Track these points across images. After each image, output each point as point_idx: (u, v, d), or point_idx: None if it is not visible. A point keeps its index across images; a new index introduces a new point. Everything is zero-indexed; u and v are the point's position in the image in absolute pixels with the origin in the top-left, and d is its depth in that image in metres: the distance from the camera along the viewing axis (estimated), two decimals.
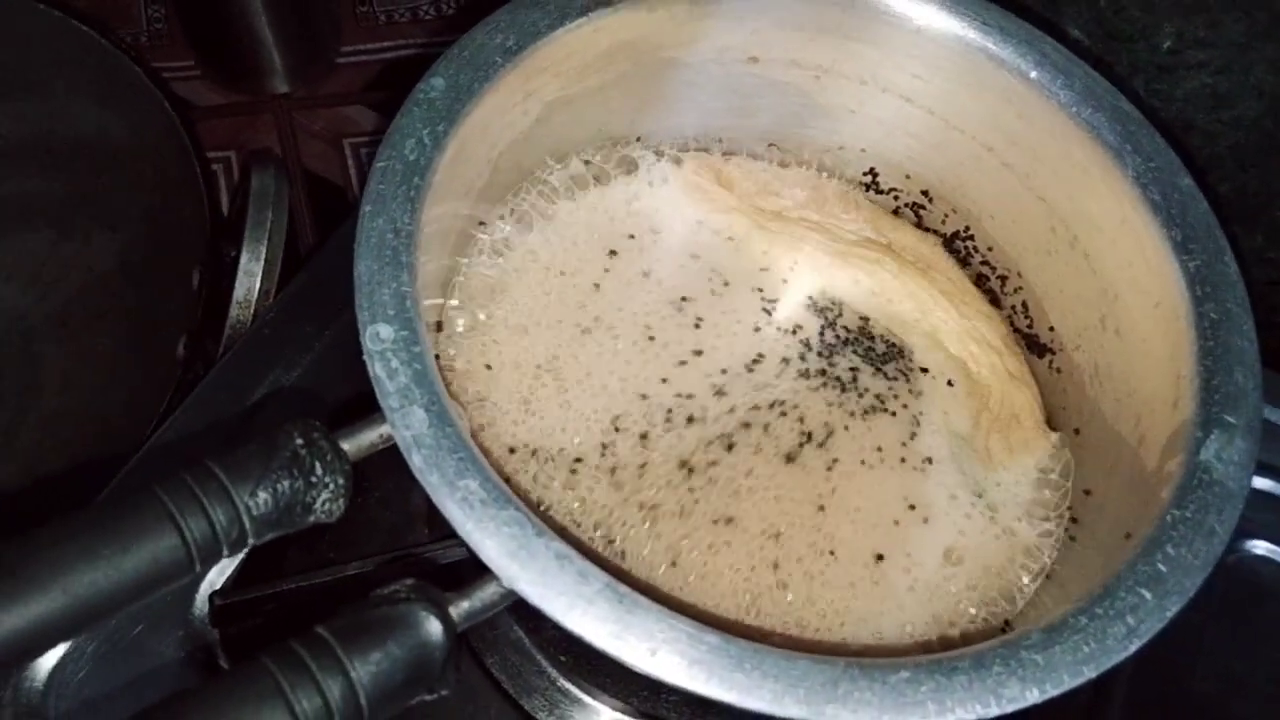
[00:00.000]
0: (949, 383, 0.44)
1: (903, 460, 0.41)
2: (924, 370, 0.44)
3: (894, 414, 0.42)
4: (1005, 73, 0.41)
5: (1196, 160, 0.58)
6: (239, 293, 0.49)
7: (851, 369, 0.43)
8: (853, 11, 0.41)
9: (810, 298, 0.44)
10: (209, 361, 0.52)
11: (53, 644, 0.25)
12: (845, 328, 0.44)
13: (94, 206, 0.64)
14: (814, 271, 0.45)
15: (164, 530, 0.26)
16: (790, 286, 0.44)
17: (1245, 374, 0.35)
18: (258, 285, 0.49)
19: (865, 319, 0.45)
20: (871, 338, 0.44)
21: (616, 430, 0.38)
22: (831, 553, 0.37)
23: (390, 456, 0.32)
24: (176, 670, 0.40)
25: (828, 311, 0.44)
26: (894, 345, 0.44)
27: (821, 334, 0.44)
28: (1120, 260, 0.40)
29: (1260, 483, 0.52)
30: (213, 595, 0.40)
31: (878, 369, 0.43)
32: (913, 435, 0.42)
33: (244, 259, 0.48)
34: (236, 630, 0.41)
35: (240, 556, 0.41)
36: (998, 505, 0.40)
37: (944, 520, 0.39)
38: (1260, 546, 0.52)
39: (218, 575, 0.42)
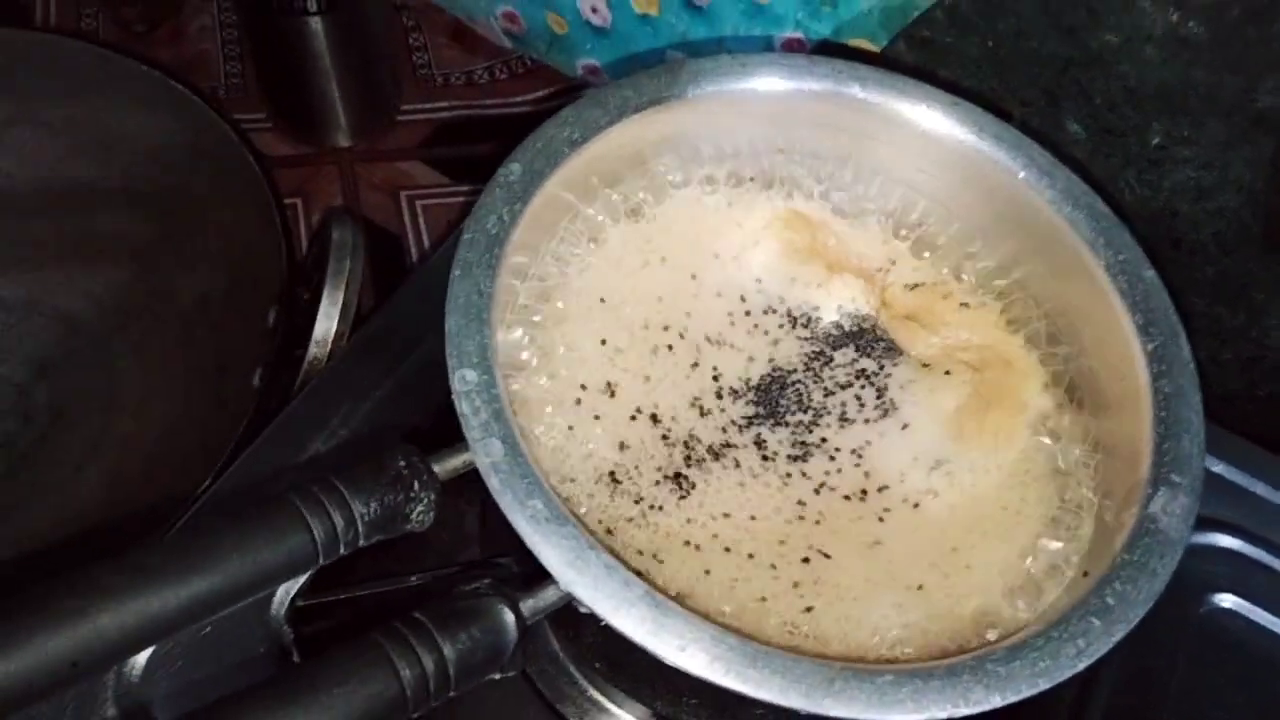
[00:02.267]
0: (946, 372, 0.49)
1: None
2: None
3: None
4: (999, 172, 0.47)
5: (1183, 244, 0.63)
6: (317, 333, 0.55)
7: (856, 368, 0.48)
8: (868, 117, 0.48)
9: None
10: (283, 393, 0.58)
11: (211, 615, 0.31)
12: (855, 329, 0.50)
13: (176, 246, 0.69)
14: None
15: (298, 530, 0.32)
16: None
17: (1191, 441, 0.41)
18: (334, 327, 0.55)
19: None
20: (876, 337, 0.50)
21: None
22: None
23: (449, 487, 0.38)
24: (256, 663, 0.46)
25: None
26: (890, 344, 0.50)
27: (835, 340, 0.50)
28: (1094, 339, 0.46)
29: (1227, 541, 0.56)
30: (293, 598, 0.46)
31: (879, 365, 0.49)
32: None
33: (324, 304, 0.55)
34: (310, 630, 0.47)
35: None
36: None
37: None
38: (1227, 600, 0.55)
39: (293, 582, 0.48)
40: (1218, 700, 0.53)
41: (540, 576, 0.35)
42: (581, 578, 0.33)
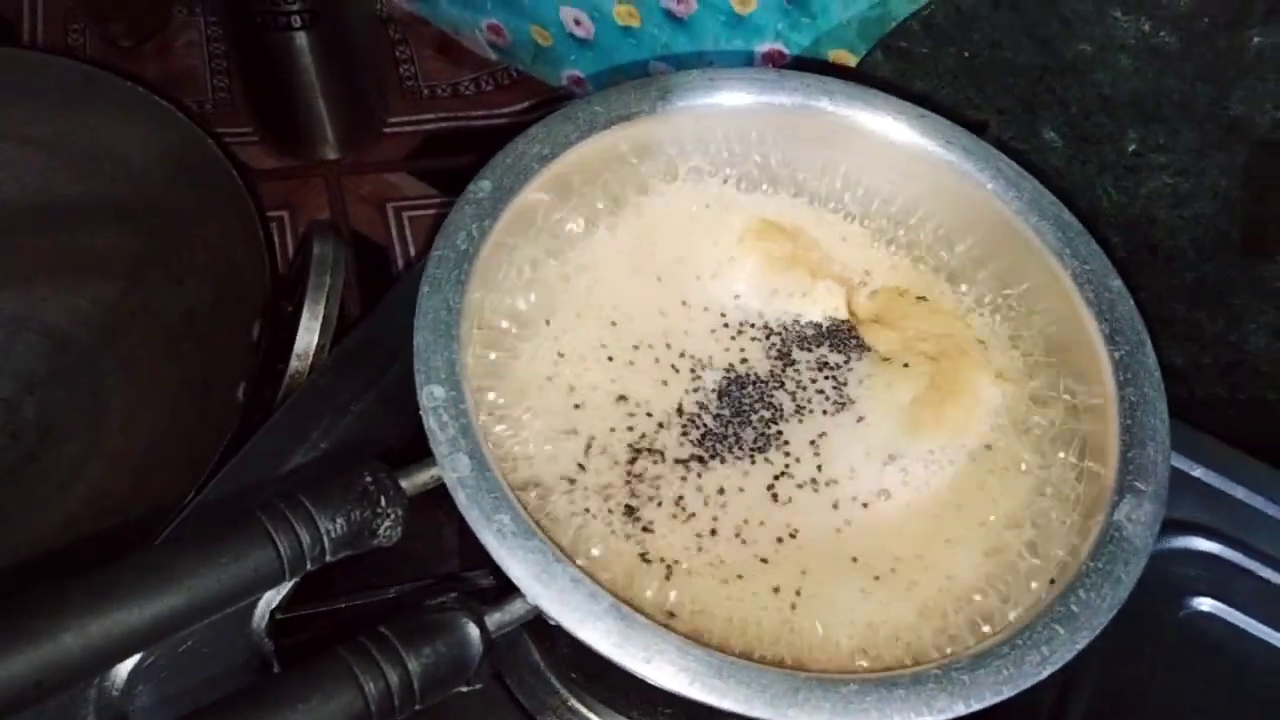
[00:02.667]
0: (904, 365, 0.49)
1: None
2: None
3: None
4: (967, 183, 0.48)
5: (1160, 250, 0.63)
6: (298, 347, 0.56)
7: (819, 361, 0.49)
8: (841, 130, 0.48)
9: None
10: (266, 407, 0.58)
11: (176, 633, 0.32)
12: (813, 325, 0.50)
13: (163, 261, 0.69)
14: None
15: (264, 545, 0.32)
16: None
17: (1156, 449, 0.41)
18: (315, 341, 0.56)
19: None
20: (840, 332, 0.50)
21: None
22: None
23: (429, 500, 0.38)
24: (237, 675, 0.46)
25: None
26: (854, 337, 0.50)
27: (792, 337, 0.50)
28: (1062, 347, 0.47)
29: (1206, 545, 0.56)
30: (273, 611, 0.46)
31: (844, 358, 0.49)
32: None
33: (304, 317, 0.55)
34: (290, 642, 0.47)
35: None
36: None
37: None
38: (1205, 604, 0.55)
39: (274, 594, 0.48)
40: (1197, 703, 0.53)
41: (510, 590, 0.35)
42: (548, 591, 0.34)
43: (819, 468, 0.45)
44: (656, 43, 0.73)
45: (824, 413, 0.46)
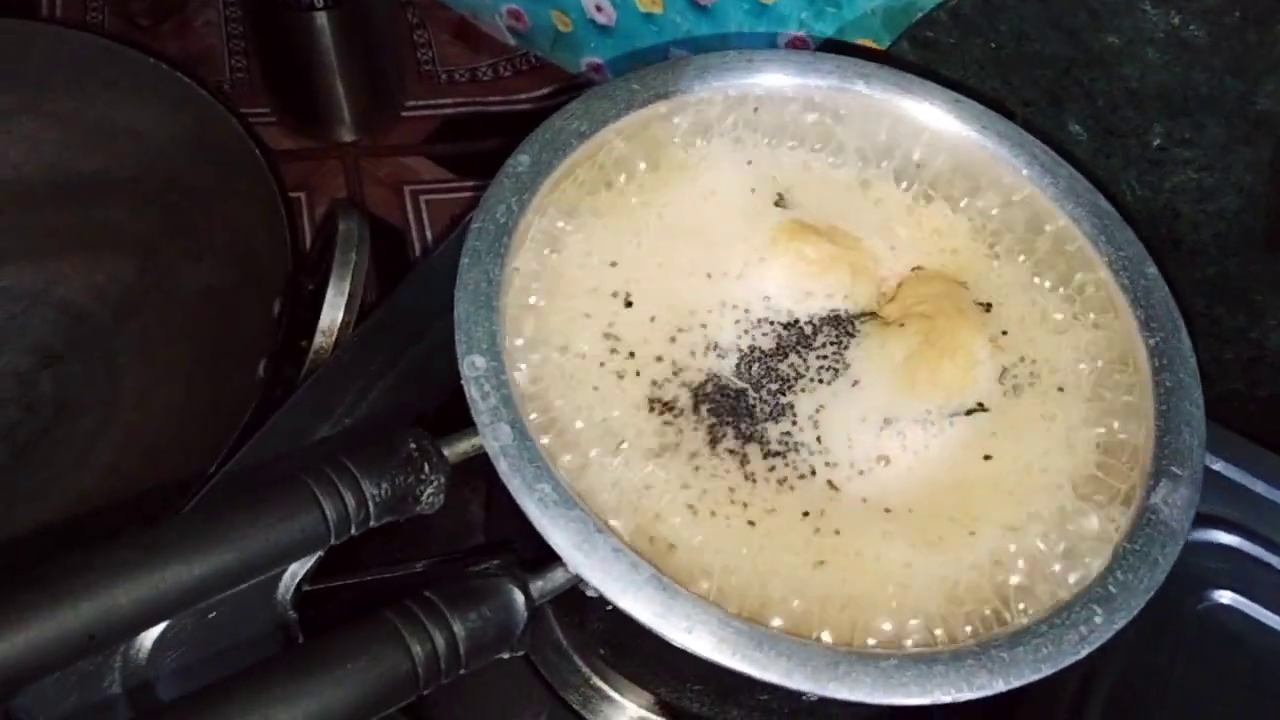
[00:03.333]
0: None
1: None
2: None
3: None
4: (1002, 168, 0.48)
5: (1184, 245, 0.64)
6: (323, 323, 0.55)
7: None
8: (874, 115, 0.48)
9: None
10: (287, 383, 0.58)
11: (222, 592, 0.32)
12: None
13: (181, 238, 0.69)
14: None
15: (310, 508, 0.32)
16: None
17: (1192, 434, 0.41)
18: (340, 317, 0.55)
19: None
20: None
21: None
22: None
23: (454, 475, 0.38)
24: (261, 646, 0.46)
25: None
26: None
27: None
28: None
29: (1226, 538, 0.56)
30: (299, 582, 0.46)
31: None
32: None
33: (330, 293, 0.55)
34: (315, 614, 0.47)
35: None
36: None
37: None
38: (1225, 596, 0.56)
39: (300, 566, 0.48)
40: (1216, 695, 0.53)
41: (548, 559, 0.35)
42: (589, 560, 0.34)
43: (818, 438, 0.44)
44: (678, 29, 0.73)
45: (822, 381, 0.45)
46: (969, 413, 0.44)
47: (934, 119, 0.49)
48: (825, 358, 0.46)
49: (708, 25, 0.72)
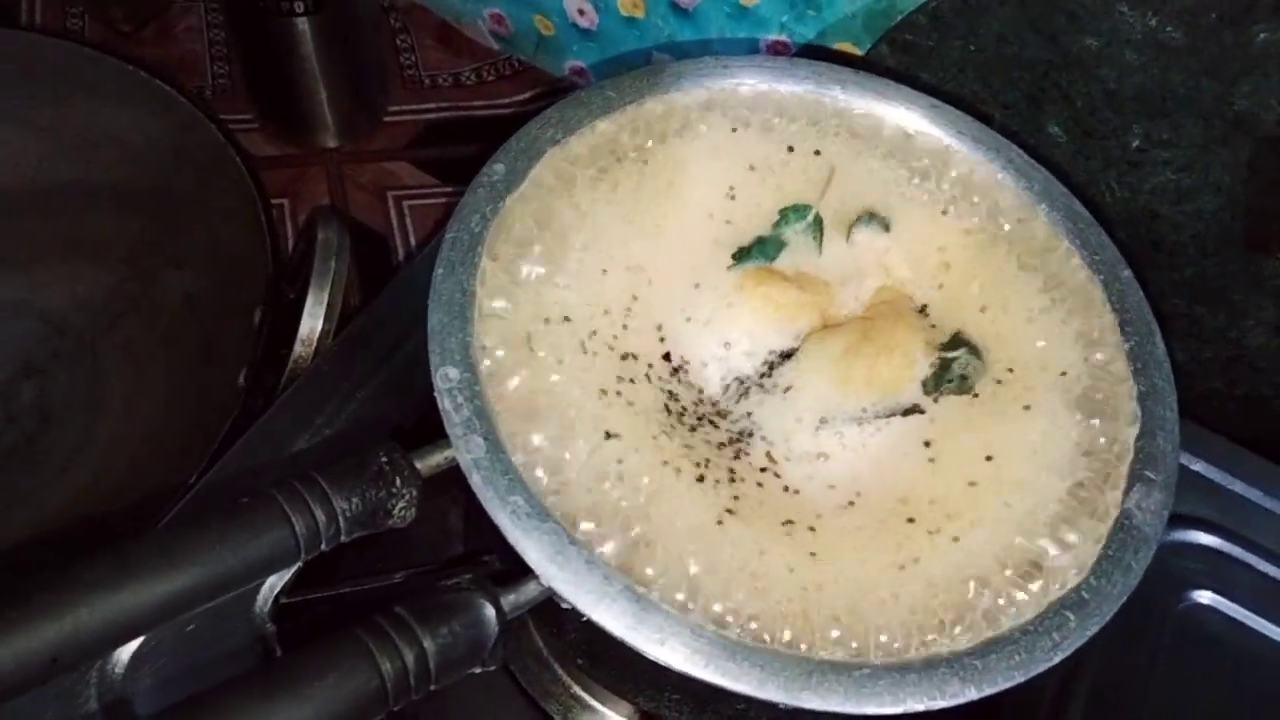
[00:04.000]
0: None
1: None
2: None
3: None
4: (979, 174, 0.48)
5: (1163, 246, 0.64)
6: (302, 332, 0.55)
7: None
8: (854, 118, 0.48)
9: None
10: (268, 392, 0.58)
11: (190, 610, 0.32)
12: None
13: (162, 247, 0.69)
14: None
15: (280, 524, 0.32)
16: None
17: (1166, 439, 0.41)
18: (319, 326, 0.55)
19: None
20: None
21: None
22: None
23: (434, 484, 0.38)
24: (240, 658, 0.46)
25: None
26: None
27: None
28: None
29: (1205, 538, 0.56)
30: (277, 595, 0.46)
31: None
32: None
33: (309, 303, 0.55)
34: (293, 627, 0.47)
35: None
36: None
37: None
38: (1205, 596, 0.56)
39: (279, 579, 0.48)
40: (1197, 695, 0.53)
41: (522, 572, 0.35)
42: (562, 573, 0.34)
43: (763, 438, 0.44)
44: (660, 33, 0.73)
45: (760, 387, 0.45)
46: (906, 413, 0.44)
47: (911, 124, 0.49)
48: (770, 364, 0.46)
49: (690, 29, 0.72)
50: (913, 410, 0.44)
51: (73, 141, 0.70)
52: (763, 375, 0.46)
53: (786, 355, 0.46)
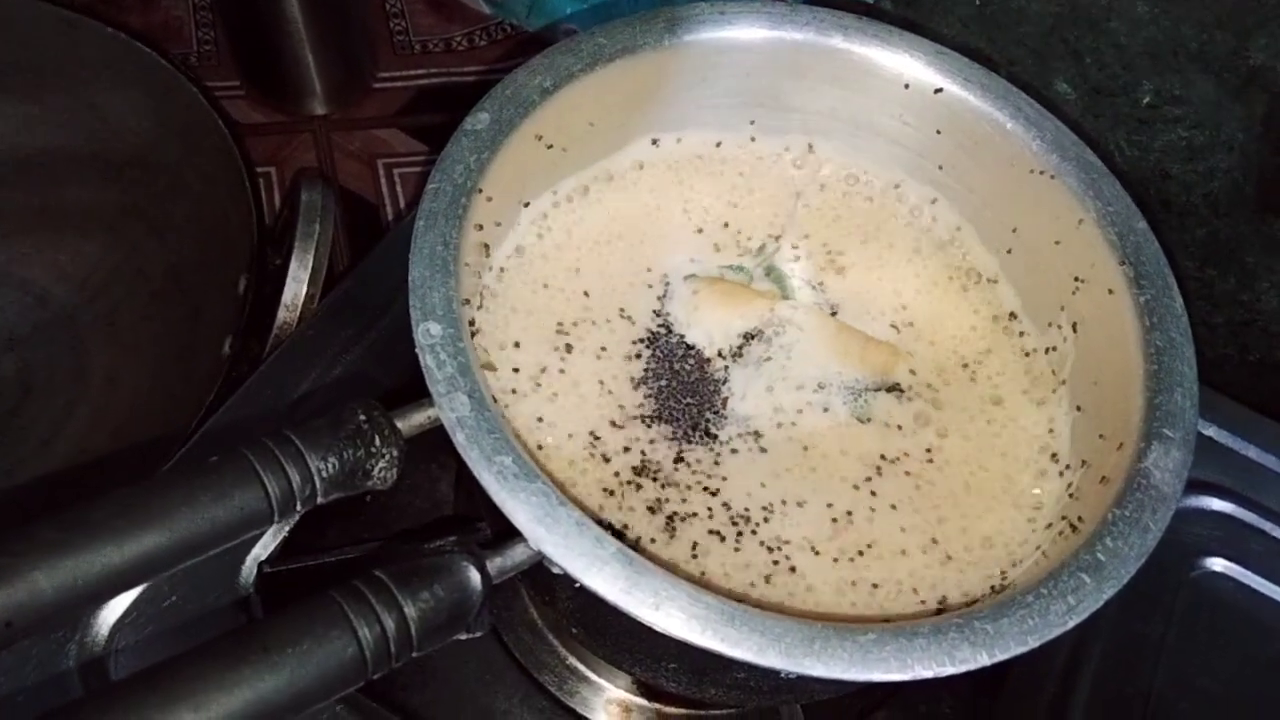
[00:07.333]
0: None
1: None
2: None
3: None
4: (984, 124, 0.46)
5: (1174, 206, 0.62)
6: (286, 297, 0.54)
7: None
8: (850, 68, 0.46)
9: None
10: (253, 359, 0.57)
11: (158, 574, 0.30)
12: None
13: (145, 215, 0.67)
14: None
15: (251, 485, 0.30)
16: None
17: (1184, 395, 0.39)
18: (304, 291, 0.54)
19: None
20: None
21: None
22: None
23: (421, 450, 0.36)
24: (223, 627, 0.45)
25: None
26: None
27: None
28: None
29: (1218, 504, 0.55)
30: (261, 564, 0.44)
31: None
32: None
33: (293, 267, 0.53)
34: (277, 596, 0.46)
35: (285, 531, 0.45)
36: None
37: None
38: (1218, 564, 0.55)
39: (262, 548, 0.46)
40: (1208, 662, 0.52)
41: (512, 533, 0.33)
42: (551, 535, 0.32)
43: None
44: None
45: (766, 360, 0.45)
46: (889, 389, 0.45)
47: (915, 72, 0.47)
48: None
49: None
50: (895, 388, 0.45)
51: (53, 109, 0.68)
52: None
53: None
